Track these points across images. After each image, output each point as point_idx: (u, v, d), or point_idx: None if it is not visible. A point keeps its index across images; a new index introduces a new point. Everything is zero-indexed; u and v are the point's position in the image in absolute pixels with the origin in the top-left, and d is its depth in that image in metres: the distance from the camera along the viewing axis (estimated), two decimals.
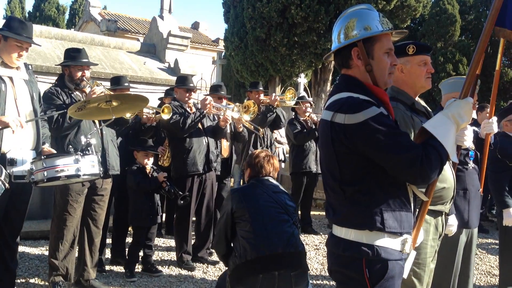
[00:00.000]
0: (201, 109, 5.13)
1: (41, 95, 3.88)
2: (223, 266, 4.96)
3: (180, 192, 4.84)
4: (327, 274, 5.16)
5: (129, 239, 5.24)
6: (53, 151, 3.64)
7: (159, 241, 6.04)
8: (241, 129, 5.77)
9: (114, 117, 3.72)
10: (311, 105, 7.32)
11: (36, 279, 4.53)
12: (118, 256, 5.14)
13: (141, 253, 4.94)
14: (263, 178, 3.46)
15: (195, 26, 25.78)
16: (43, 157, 3.30)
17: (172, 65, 9.43)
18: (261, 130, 6.09)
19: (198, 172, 5.12)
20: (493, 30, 2.31)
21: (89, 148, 3.44)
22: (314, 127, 6.89)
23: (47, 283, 4.28)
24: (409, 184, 1.99)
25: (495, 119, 3.74)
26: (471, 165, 3.65)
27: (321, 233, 7.02)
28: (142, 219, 4.78)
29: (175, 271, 5.05)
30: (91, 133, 3.83)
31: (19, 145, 3.38)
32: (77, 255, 4.33)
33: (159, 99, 6.69)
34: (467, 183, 3.60)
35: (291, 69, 13.82)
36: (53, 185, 3.70)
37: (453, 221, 3.03)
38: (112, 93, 4.45)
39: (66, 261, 4.11)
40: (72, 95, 4.15)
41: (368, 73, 2.01)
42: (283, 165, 8.93)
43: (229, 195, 3.39)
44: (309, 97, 10.80)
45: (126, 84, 5.23)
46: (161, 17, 10.51)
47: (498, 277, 4.57)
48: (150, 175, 4.87)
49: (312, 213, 7.44)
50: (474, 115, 4.32)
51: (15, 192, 3.38)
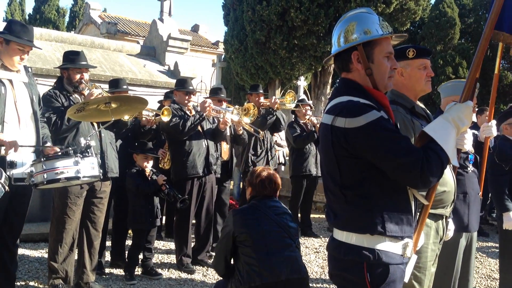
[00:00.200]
0: (201, 111, 5.13)
1: (41, 97, 3.89)
2: None
3: (180, 195, 4.84)
4: (327, 277, 5.16)
5: (128, 242, 5.24)
6: (56, 148, 3.62)
7: (158, 244, 6.03)
8: (241, 132, 5.77)
9: (113, 119, 3.72)
10: (311, 108, 7.32)
11: (36, 281, 4.52)
12: (117, 259, 5.13)
13: (140, 256, 4.93)
14: (264, 199, 3.36)
15: (195, 28, 25.78)
16: (42, 159, 3.30)
17: (172, 68, 9.43)
18: (261, 132, 6.09)
19: (198, 175, 5.12)
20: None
21: (88, 150, 3.44)
22: (314, 130, 6.90)
23: (46, 286, 4.28)
24: (409, 188, 1.99)
25: (494, 122, 3.75)
26: (470, 168, 3.65)
27: (321, 236, 7.02)
28: (142, 222, 4.78)
29: (174, 274, 5.04)
30: (90, 135, 3.83)
31: (20, 148, 3.37)
32: (76, 258, 4.33)
33: (159, 101, 6.69)
34: (466, 187, 3.60)
35: (291, 72, 13.83)
36: (53, 187, 3.70)
37: (450, 225, 3.03)
38: (111, 95, 4.46)
39: (66, 264, 4.11)
40: (71, 97, 4.15)
41: (368, 77, 2.01)
42: (283, 168, 8.93)
43: (230, 217, 3.31)
44: (309, 100, 10.81)
45: (125, 86, 5.23)
46: (161, 20, 10.51)
47: (498, 280, 4.57)
48: (149, 178, 4.87)
49: (312, 216, 7.45)
50: (474, 118, 4.32)
51: (15, 195, 3.37)
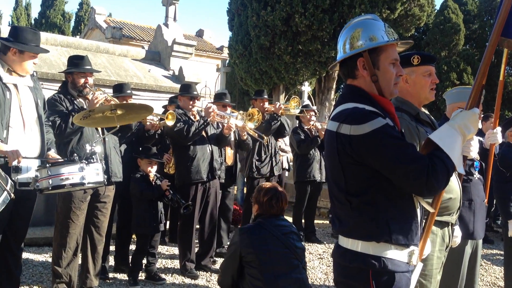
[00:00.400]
0: (205, 117, 5.13)
1: (45, 101, 3.90)
2: None
3: (183, 201, 4.84)
4: (331, 284, 5.14)
5: (132, 247, 5.24)
6: (59, 157, 3.64)
7: (162, 248, 6.02)
8: (245, 137, 5.77)
9: (118, 126, 3.74)
10: (315, 113, 7.31)
11: (40, 286, 4.53)
12: (121, 263, 5.13)
13: (144, 261, 4.93)
14: (271, 217, 3.32)
15: (200, 33, 25.87)
16: (48, 165, 3.31)
17: (176, 73, 9.46)
18: (265, 138, 6.09)
19: (202, 180, 5.12)
20: None
21: (93, 156, 3.45)
22: (317, 135, 6.89)
23: None
24: (415, 196, 1.98)
25: (499, 129, 3.73)
26: (476, 175, 3.64)
27: (324, 242, 6.99)
28: (145, 226, 4.78)
29: (178, 279, 5.03)
30: (95, 141, 3.84)
31: (23, 152, 3.38)
32: (80, 262, 4.33)
33: (163, 106, 6.70)
34: (472, 194, 3.59)
35: (295, 77, 13.84)
36: (58, 192, 3.71)
37: (457, 232, 3.02)
38: (117, 100, 4.47)
39: (70, 268, 4.11)
40: (75, 102, 4.17)
41: (373, 84, 2.01)
42: (286, 173, 8.92)
43: (237, 235, 3.28)
44: (313, 105, 10.80)
45: (129, 91, 5.25)
46: (166, 25, 10.56)
47: None
48: (153, 183, 4.87)
49: (315, 221, 7.42)
50: (479, 125, 4.31)
51: (19, 199, 3.37)
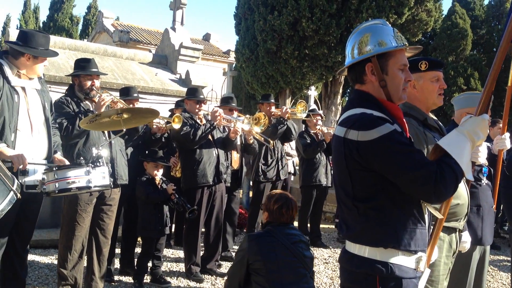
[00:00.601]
0: (211, 121, 5.14)
1: (52, 104, 3.92)
2: None
3: (189, 205, 4.83)
4: None
5: (138, 250, 5.24)
6: (65, 160, 3.66)
7: (167, 252, 6.03)
8: (251, 141, 5.77)
9: (125, 130, 3.75)
10: (322, 118, 7.30)
11: None
12: (127, 266, 5.14)
13: (149, 264, 4.93)
14: (281, 225, 3.30)
15: (207, 37, 25.94)
16: (54, 168, 3.32)
17: (183, 77, 9.48)
18: (271, 142, 6.09)
19: (208, 184, 5.11)
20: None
21: (100, 160, 3.46)
22: (323, 139, 6.88)
23: None
24: (423, 202, 1.97)
25: (507, 135, 3.71)
26: (484, 181, 3.62)
27: (330, 247, 6.97)
28: (151, 230, 4.78)
29: (183, 282, 5.03)
30: (102, 145, 3.86)
31: (31, 155, 3.40)
32: (85, 264, 4.34)
33: (170, 110, 6.72)
34: (480, 200, 3.57)
35: (301, 82, 13.84)
36: (64, 195, 3.72)
37: (466, 237, 3.00)
38: (123, 102, 4.49)
39: (75, 271, 4.11)
40: (82, 104, 4.18)
41: (382, 89, 2.00)
42: (292, 177, 8.90)
43: (245, 242, 3.26)
44: (319, 109, 10.79)
45: (135, 94, 5.26)
46: (173, 29, 10.59)
47: None
48: (159, 187, 4.88)
49: (321, 226, 7.40)
50: None
51: (26, 201, 3.38)
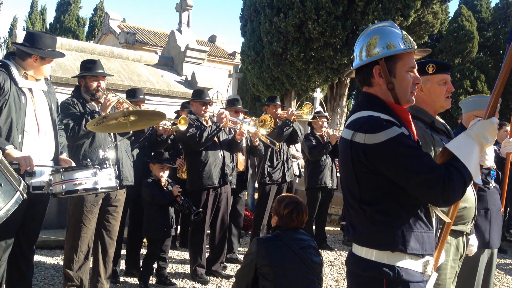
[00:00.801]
0: (217, 122, 5.14)
1: (59, 105, 3.94)
2: None
3: (194, 208, 4.83)
4: None
5: (143, 251, 5.25)
6: (71, 161, 3.66)
7: (173, 253, 6.03)
8: (257, 143, 5.76)
9: (131, 132, 3.76)
10: (327, 120, 7.29)
11: None
12: (132, 267, 5.15)
13: (155, 265, 4.94)
14: (290, 230, 3.28)
15: (212, 39, 25.99)
16: (61, 170, 3.33)
17: (189, 78, 9.50)
18: (277, 144, 6.08)
19: (214, 186, 5.12)
20: None
21: (106, 162, 3.47)
22: (328, 141, 6.87)
23: None
24: (430, 205, 1.96)
25: None
26: (492, 184, 3.60)
27: (335, 249, 6.96)
28: (156, 231, 4.78)
29: (188, 284, 5.03)
30: (108, 147, 3.87)
31: (38, 156, 3.41)
32: (91, 266, 4.35)
33: (176, 112, 6.72)
34: (488, 203, 3.55)
35: (307, 84, 13.84)
36: (70, 197, 3.73)
37: (473, 241, 2.98)
38: (129, 102, 4.50)
39: (81, 272, 4.12)
40: (87, 105, 4.20)
41: (390, 92, 1.99)
42: (297, 180, 8.90)
43: (254, 245, 3.25)
44: (325, 111, 10.78)
45: (142, 96, 5.27)
46: (179, 30, 10.62)
47: None
48: (165, 188, 4.88)
49: (326, 228, 7.39)
50: None
51: (32, 202, 3.39)
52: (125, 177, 4.31)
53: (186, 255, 5.86)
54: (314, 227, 7.11)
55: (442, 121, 2.92)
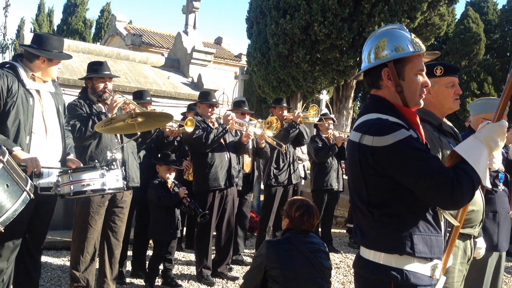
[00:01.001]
0: (224, 124, 5.15)
1: (66, 107, 3.95)
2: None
3: (200, 210, 4.84)
4: None
5: (149, 252, 5.25)
6: (79, 161, 3.68)
7: (179, 255, 6.04)
8: (263, 145, 5.76)
9: (139, 133, 3.76)
10: (334, 122, 7.28)
11: None
12: (138, 269, 5.15)
13: (161, 267, 4.94)
14: (300, 233, 3.26)
15: (218, 41, 26.02)
16: (69, 171, 3.34)
17: (195, 80, 9.52)
18: (283, 146, 6.07)
19: (220, 187, 5.12)
20: None
21: (114, 163, 3.48)
22: (335, 143, 6.86)
23: None
24: (439, 208, 1.95)
25: None
26: (501, 187, 3.58)
27: (341, 252, 6.94)
28: (162, 232, 4.79)
29: (194, 285, 5.03)
30: (116, 148, 3.88)
31: (46, 157, 3.42)
32: (97, 266, 4.36)
33: (182, 114, 6.74)
34: (496, 206, 3.52)
35: (313, 86, 13.84)
36: (78, 197, 3.74)
37: (481, 243, 2.97)
38: (135, 103, 4.51)
39: (87, 272, 4.13)
40: (94, 106, 4.21)
41: (398, 94, 1.99)
42: (303, 182, 8.89)
43: (264, 248, 3.23)
44: (331, 113, 10.77)
45: (148, 98, 5.29)
46: (185, 32, 10.65)
47: None
48: (171, 190, 4.89)
49: (332, 230, 7.37)
50: None
51: (40, 202, 3.41)
52: (131, 179, 4.32)
53: (192, 256, 5.87)
54: (320, 229, 7.10)
55: (450, 123, 2.90)
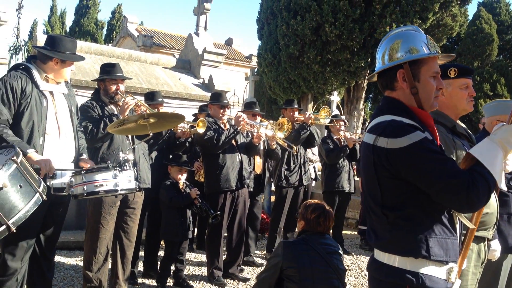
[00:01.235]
0: (235, 125, 5.15)
1: (78, 108, 3.98)
2: (253, 283, 4.93)
3: (212, 211, 4.85)
4: None
5: (161, 253, 5.27)
6: (92, 162, 3.71)
7: (190, 255, 6.05)
8: (274, 147, 5.76)
9: (151, 134, 3.78)
10: (345, 123, 7.26)
11: None
12: (150, 269, 5.18)
13: (172, 267, 4.96)
14: (316, 235, 3.28)
15: (229, 42, 26.05)
16: (83, 171, 3.37)
17: (206, 81, 9.54)
18: (294, 147, 6.07)
19: (231, 189, 5.13)
20: None
21: (126, 164, 3.50)
22: (346, 145, 6.84)
23: None
24: (454, 211, 1.93)
25: None
26: None
27: (352, 253, 6.92)
28: (174, 233, 4.81)
29: (205, 286, 5.04)
30: (128, 149, 3.90)
31: (59, 158, 3.45)
32: (110, 267, 4.38)
33: (193, 115, 6.76)
34: (511, 208, 3.48)
35: (323, 87, 13.80)
36: (91, 198, 3.77)
37: (496, 245, 2.94)
38: (146, 105, 4.53)
39: (100, 273, 4.15)
40: (106, 108, 4.24)
41: (413, 96, 1.98)
42: (313, 183, 8.87)
43: (280, 248, 3.25)
44: (341, 115, 10.74)
45: (160, 99, 5.31)
46: (196, 34, 10.68)
47: None
48: (183, 191, 4.90)
49: (343, 232, 7.35)
50: None
51: (53, 204, 3.45)
52: (142, 180, 4.34)
53: (203, 257, 5.88)
54: (331, 231, 7.07)
55: (463, 125, 2.88)
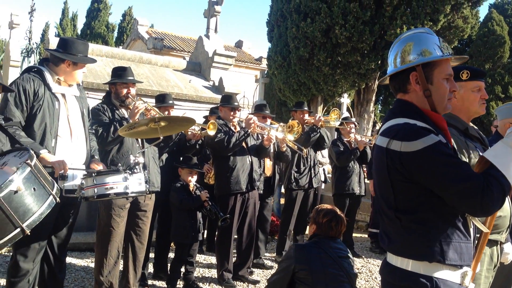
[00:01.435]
0: (246, 128, 5.15)
1: (89, 110, 4.01)
2: (263, 286, 4.92)
3: (222, 213, 4.85)
4: None
5: (171, 255, 5.28)
6: (102, 164, 3.73)
7: (200, 257, 6.06)
8: (284, 149, 5.76)
9: (161, 137, 3.80)
10: (355, 126, 7.23)
11: None
12: (160, 271, 5.19)
13: (182, 269, 4.96)
14: (328, 239, 3.28)
15: (239, 44, 26.10)
16: (93, 174, 3.39)
17: (216, 84, 9.55)
18: (304, 150, 6.06)
19: (241, 191, 5.12)
20: None
21: (137, 167, 3.52)
22: (356, 147, 6.82)
23: None
24: (468, 215, 1.91)
25: None
26: None
27: (363, 256, 6.88)
28: (184, 235, 4.82)
29: None
30: (139, 152, 3.92)
31: (70, 160, 3.48)
32: (121, 268, 4.40)
33: (204, 117, 6.77)
34: None
35: (333, 89, 13.76)
36: (101, 200, 3.79)
37: (509, 249, 2.91)
38: (157, 109, 4.55)
39: (111, 276, 4.16)
40: (117, 111, 4.26)
41: (426, 99, 1.96)
42: (323, 186, 8.84)
43: (292, 251, 3.25)
44: (351, 117, 10.70)
45: (171, 102, 5.32)
46: (207, 36, 10.70)
47: None
48: (193, 193, 4.91)
49: (354, 235, 7.32)
50: None
51: (65, 205, 3.46)
52: (152, 183, 4.34)
53: (213, 259, 5.88)
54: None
55: (476, 128, 2.86)
